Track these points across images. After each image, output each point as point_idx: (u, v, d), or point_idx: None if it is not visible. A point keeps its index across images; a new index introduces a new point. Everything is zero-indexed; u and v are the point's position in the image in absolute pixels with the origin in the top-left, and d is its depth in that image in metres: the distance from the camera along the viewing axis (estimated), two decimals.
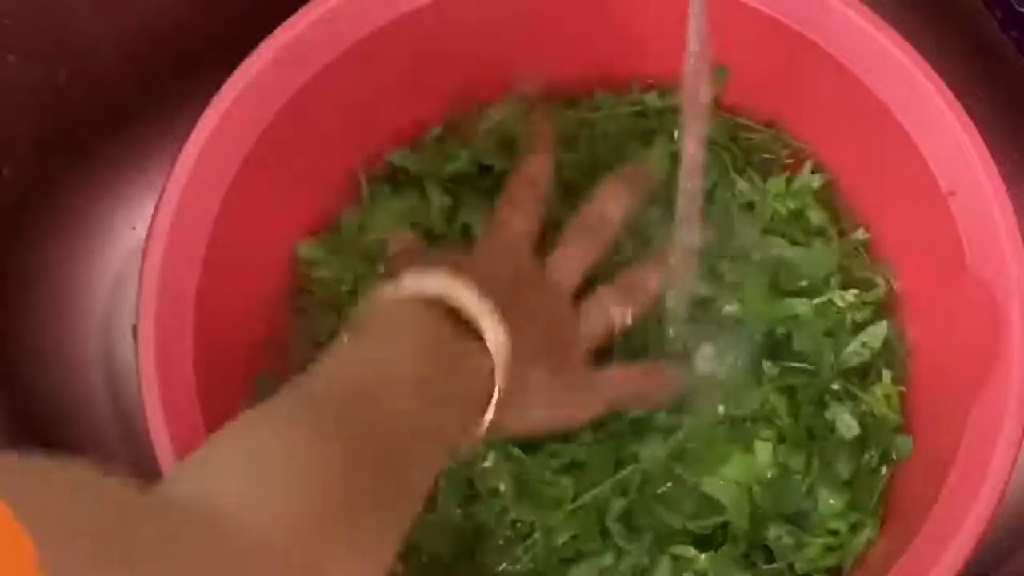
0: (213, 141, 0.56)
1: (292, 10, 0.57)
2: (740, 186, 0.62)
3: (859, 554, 0.57)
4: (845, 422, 0.58)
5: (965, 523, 0.50)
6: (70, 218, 0.69)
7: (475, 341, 0.48)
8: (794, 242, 0.61)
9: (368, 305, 0.49)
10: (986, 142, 0.55)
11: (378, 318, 0.48)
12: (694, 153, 0.52)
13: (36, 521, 0.27)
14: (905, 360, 0.60)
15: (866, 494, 0.58)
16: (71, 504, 0.31)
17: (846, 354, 0.59)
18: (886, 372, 0.59)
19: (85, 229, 0.70)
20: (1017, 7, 0.67)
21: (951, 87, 0.56)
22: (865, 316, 0.60)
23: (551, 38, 0.63)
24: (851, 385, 0.59)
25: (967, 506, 0.51)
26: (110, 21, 0.65)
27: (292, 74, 0.58)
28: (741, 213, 0.62)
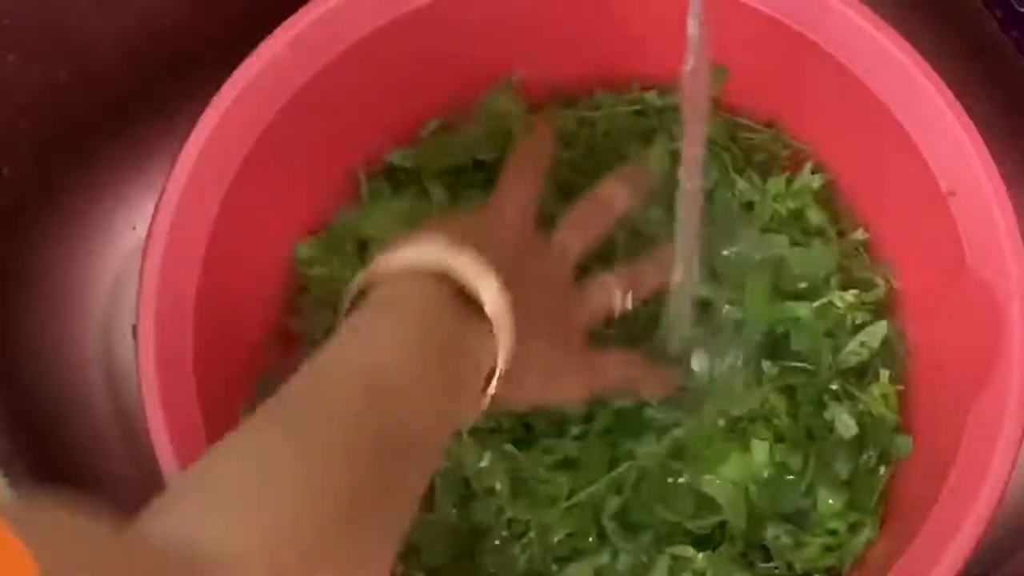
0: (213, 141, 0.56)
1: (292, 10, 0.57)
2: (740, 186, 0.63)
3: (859, 554, 0.57)
4: (843, 422, 0.58)
5: (965, 523, 0.50)
6: (70, 218, 0.69)
7: (476, 316, 0.47)
8: (794, 242, 0.61)
9: (364, 279, 0.47)
10: (986, 142, 0.55)
11: (373, 302, 0.46)
12: (694, 153, 0.52)
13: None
14: (905, 360, 0.60)
15: (865, 494, 0.58)
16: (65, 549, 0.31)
17: (844, 354, 0.59)
18: (884, 371, 0.59)
19: (85, 229, 0.70)
20: (1017, 7, 0.67)
21: (951, 87, 0.56)
22: (865, 316, 0.60)
23: (551, 38, 0.63)
24: (849, 385, 0.59)
25: (967, 506, 0.51)
26: (110, 21, 0.65)
27: (292, 74, 0.58)
28: (741, 213, 0.62)
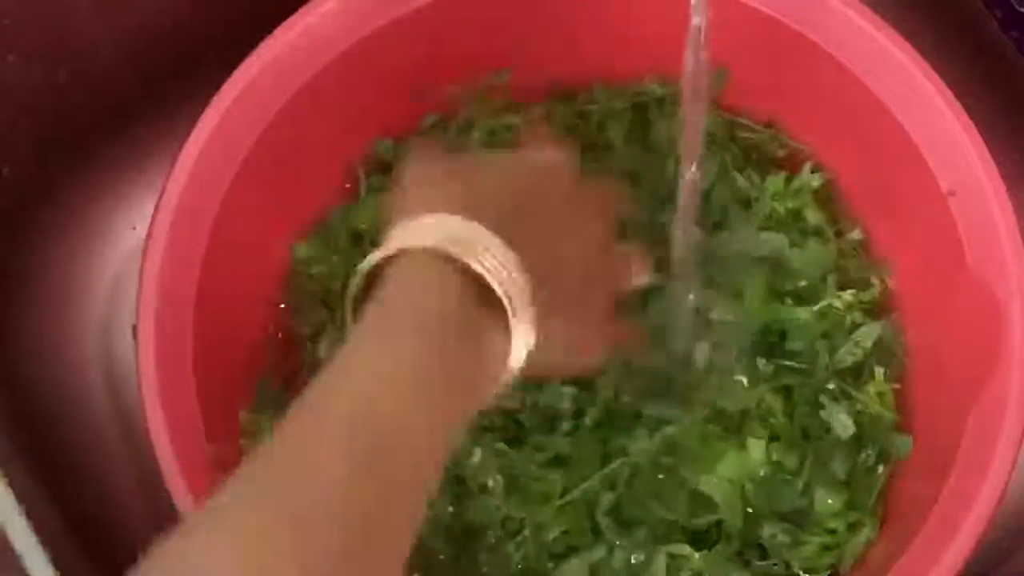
0: (213, 141, 0.56)
1: (292, 10, 0.57)
2: (739, 184, 0.63)
3: (859, 554, 0.57)
4: (841, 421, 0.58)
5: (965, 523, 0.50)
6: (70, 218, 0.69)
7: (488, 303, 0.42)
8: (792, 241, 0.61)
9: (374, 261, 0.43)
10: (986, 142, 0.55)
11: (370, 311, 0.42)
12: (694, 152, 0.52)
13: None
14: (904, 360, 0.60)
15: (864, 493, 0.58)
16: None
17: (840, 354, 0.59)
18: (879, 370, 0.59)
19: (85, 229, 0.70)
20: (1017, 7, 0.67)
21: (951, 87, 0.56)
22: (863, 316, 0.61)
23: (551, 38, 0.63)
24: (846, 384, 0.59)
25: (967, 506, 0.51)
26: (110, 21, 0.65)
27: (292, 74, 0.58)
28: (739, 211, 0.62)
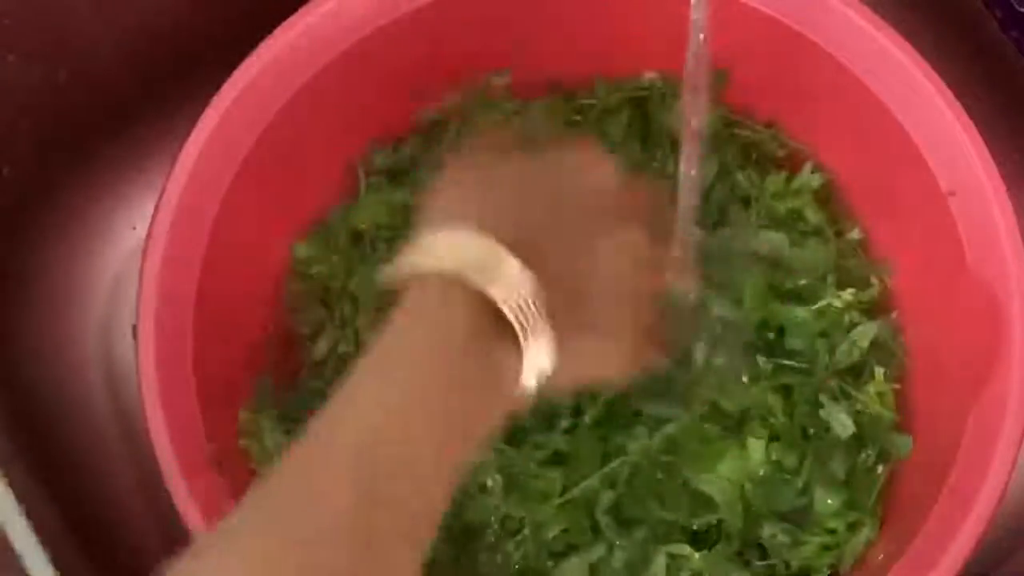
0: (213, 141, 0.56)
1: (292, 10, 0.57)
2: (739, 184, 0.63)
3: (859, 554, 0.57)
4: (840, 421, 0.58)
5: (965, 523, 0.50)
6: (70, 218, 0.69)
7: (502, 323, 0.39)
8: (791, 241, 0.61)
9: (390, 281, 0.41)
10: (986, 142, 0.55)
11: (385, 328, 0.40)
12: (693, 150, 0.52)
13: None
14: (904, 360, 0.60)
15: (863, 493, 0.58)
16: None
17: (839, 353, 0.59)
18: (879, 370, 0.59)
19: (85, 229, 0.70)
20: (1017, 7, 0.67)
21: (951, 87, 0.56)
22: (862, 316, 0.61)
23: (551, 37, 0.63)
24: (845, 384, 0.59)
25: (967, 506, 0.51)
26: (110, 21, 0.65)
27: (292, 74, 0.58)
28: (739, 210, 0.62)
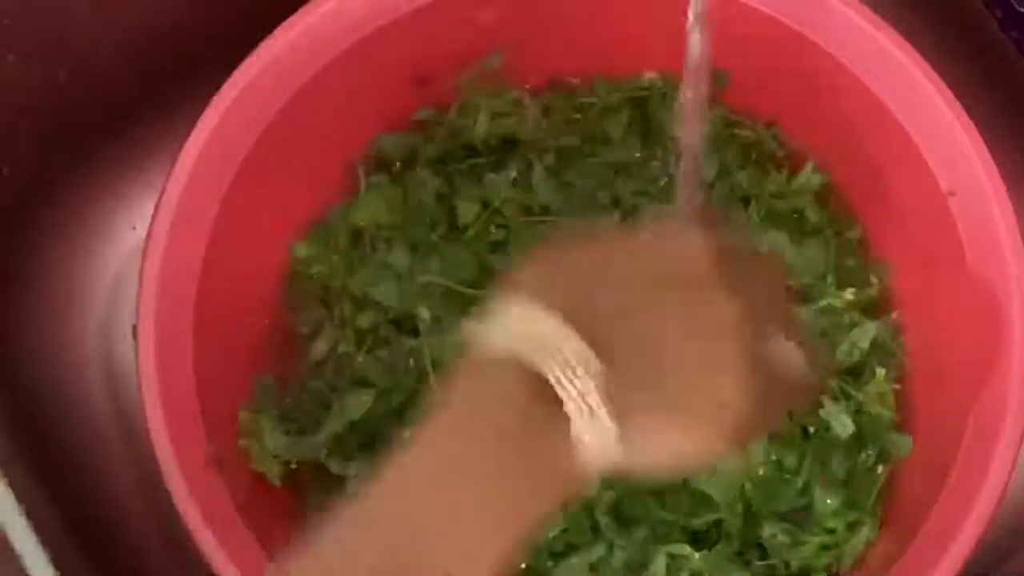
0: (213, 141, 0.56)
1: (292, 10, 0.57)
2: (739, 184, 0.63)
3: (858, 554, 0.57)
4: (840, 421, 0.58)
5: (965, 523, 0.50)
6: (70, 218, 0.69)
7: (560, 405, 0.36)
8: (791, 240, 0.61)
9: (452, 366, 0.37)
10: (986, 142, 0.55)
11: (435, 411, 0.36)
12: (693, 149, 0.52)
13: None
14: (903, 359, 0.60)
15: (863, 493, 0.58)
16: None
17: (840, 353, 0.59)
18: (880, 370, 0.59)
19: (85, 229, 0.70)
20: (1017, 7, 0.67)
21: (951, 87, 0.56)
22: (862, 316, 0.61)
23: (551, 38, 0.63)
24: (845, 384, 0.59)
25: (967, 506, 0.51)
26: (110, 21, 0.65)
27: (292, 74, 0.58)
28: (739, 210, 0.62)
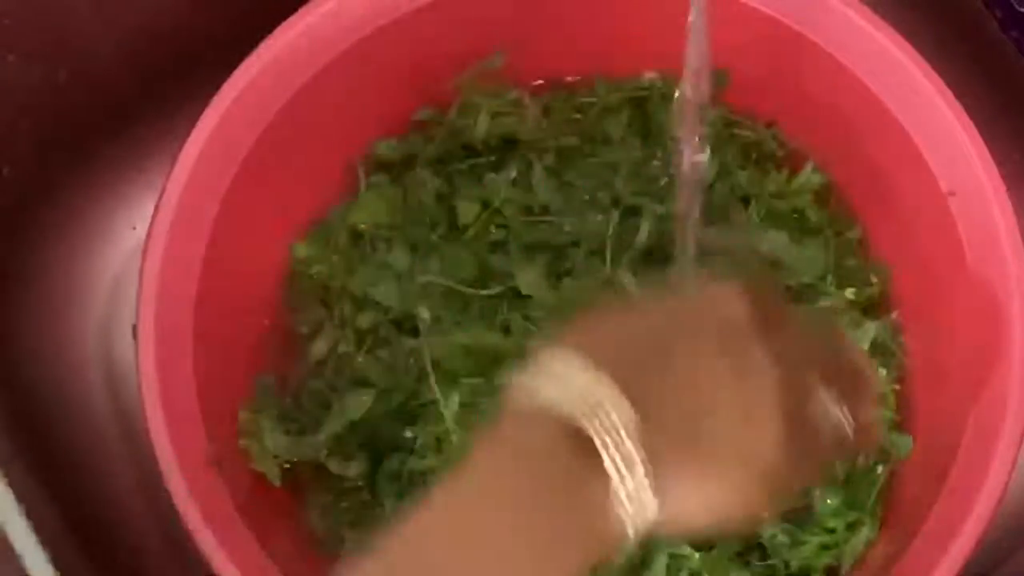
0: (213, 141, 0.56)
1: (292, 10, 0.57)
2: (739, 184, 0.63)
3: (858, 554, 0.57)
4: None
5: (965, 523, 0.50)
6: (70, 218, 0.69)
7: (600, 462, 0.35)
8: (792, 240, 0.61)
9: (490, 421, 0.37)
10: (986, 142, 0.55)
11: (471, 462, 0.36)
12: (693, 149, 0.52)
13: None
14: (904, 359, 0.60)
15: (863, 493, 0.58)
16: None
17: None
18: (881, 371, 0.59)
19: (85, 229, 0.70)
20: (1017, 7, 0.67)
21: (951, 87, 0.56)
22: (862, 316, 0.61)
23: (551, 38, 0.63)
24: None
25: (967, 506, 0.51)
26: (110, 21, 0.65)
27: (292, 74, 0.58)
28: (739, 210, 0.62)
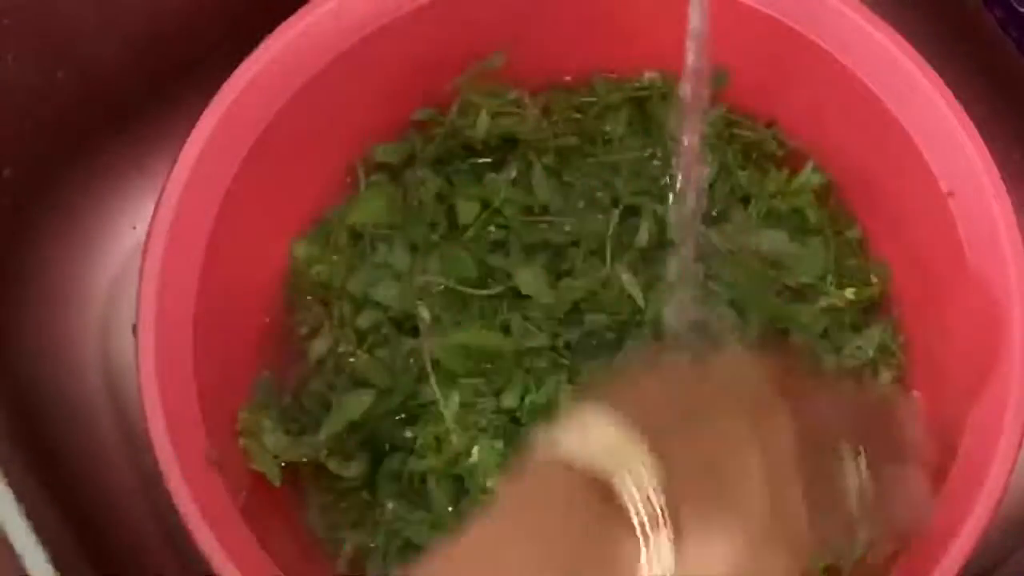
0: (213, 141, 0.56)
1: (292, 10, 0.57)
2: (739, 183, 0.63)
3: (859, 555, 0.57)
4: None
5: (965, 523, 0.50)
6: (70, 218, 0.69)
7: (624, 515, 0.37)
8: (792, 239, 0.61)
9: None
10: (986, 142, 0.55)
11: (496, 509, 0.38)
12: (693, 149, 0.52)
13: None
14: (904, 359, 0.60)
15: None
16: None
17: (844, 355, 0.59)
18: (884, 372, 0.59)
19: (85, 229, 0.70)
20: (1017, 7, 0.67)
21: (951, 87, 0.56)
22: (862, 315, 0.60)
23: (551, 37, 0.63)
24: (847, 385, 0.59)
25: (967, 506, 0.51)
26: (110, 21, 0.65)
27: (292, 74, 0.58)
28: (739, 209, 0.62)
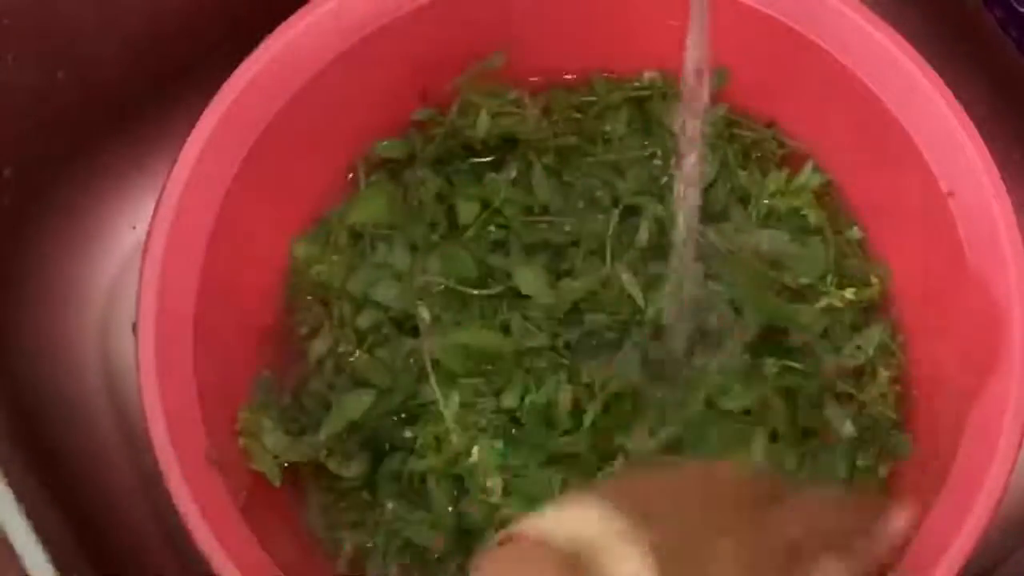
0: (213, 141, 0.56)
1: (292, 10, 0.57)
2: (739, 182, 0.63)
3: None
4: (842, 422, 0.58)
5: (965, 523, 0.50)
6: (70, 218, 0.69)
7: None
8: (792, 239, 0.61)
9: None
10: (986, 142, 0.55)
11: None
12: (693, 148, 0.52)
13: None
14: (903, 359, 0.60)
15: (863, 493, 0.58)
16: None
17: (843, 355, 0.59)
18: (883, 372, 0.59)
19: (85, 229, 0.70)
20: (1017, 7, 0.67)
21: (951, 87, 0.56)
22: (862, 315, 0.61)
23: (551, 37, 0.63)
24: (847, 385, 0.59)
25: (967, 506, 0.51)
26: (110, 21, 0.65)
27: (292, 74, 0.58)
28: (739, 209, 0.62)
